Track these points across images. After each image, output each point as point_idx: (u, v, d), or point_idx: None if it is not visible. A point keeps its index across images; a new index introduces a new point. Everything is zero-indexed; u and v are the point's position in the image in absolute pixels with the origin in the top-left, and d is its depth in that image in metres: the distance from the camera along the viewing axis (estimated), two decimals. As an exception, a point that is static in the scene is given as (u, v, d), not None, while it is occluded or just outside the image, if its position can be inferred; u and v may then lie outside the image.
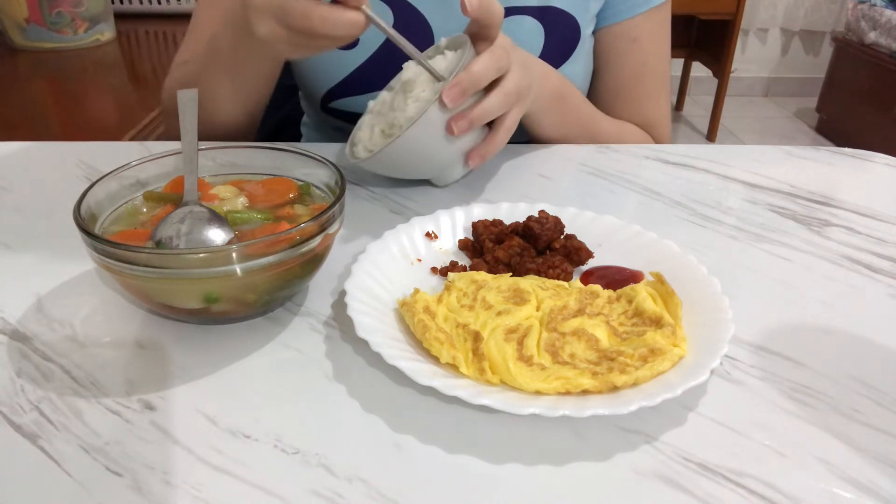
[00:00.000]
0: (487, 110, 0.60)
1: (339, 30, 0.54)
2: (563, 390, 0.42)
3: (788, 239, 0.63)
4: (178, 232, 0.47)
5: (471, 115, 0.59)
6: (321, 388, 0.44)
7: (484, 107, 0.60)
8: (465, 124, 0.59)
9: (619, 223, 0.59)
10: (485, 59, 0.59)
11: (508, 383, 0.43)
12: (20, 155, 0.76)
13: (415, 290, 0.50)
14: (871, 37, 2.91)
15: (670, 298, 0.48)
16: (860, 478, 0.39)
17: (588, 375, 0.42)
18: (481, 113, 0.60)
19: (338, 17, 0.53)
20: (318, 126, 0.94)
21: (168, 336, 0.48)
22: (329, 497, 0.37)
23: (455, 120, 0.59)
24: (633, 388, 0.42)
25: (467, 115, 0.59)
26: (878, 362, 0.48)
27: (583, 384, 0.41)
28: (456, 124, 0.58)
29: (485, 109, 0.60)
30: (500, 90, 0.61)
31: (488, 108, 0.60)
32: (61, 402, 0.42)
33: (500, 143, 0.64)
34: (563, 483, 0.38)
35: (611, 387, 0.42)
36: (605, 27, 0.85)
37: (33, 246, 0.59)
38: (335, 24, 0.53)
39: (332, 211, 0.47)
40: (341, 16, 0.53)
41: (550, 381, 0.42)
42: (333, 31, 0.54)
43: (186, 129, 0.54)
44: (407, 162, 0.63)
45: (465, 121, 0.59)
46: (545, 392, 0.42)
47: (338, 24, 0.53)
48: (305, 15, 0.53)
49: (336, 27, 0.53)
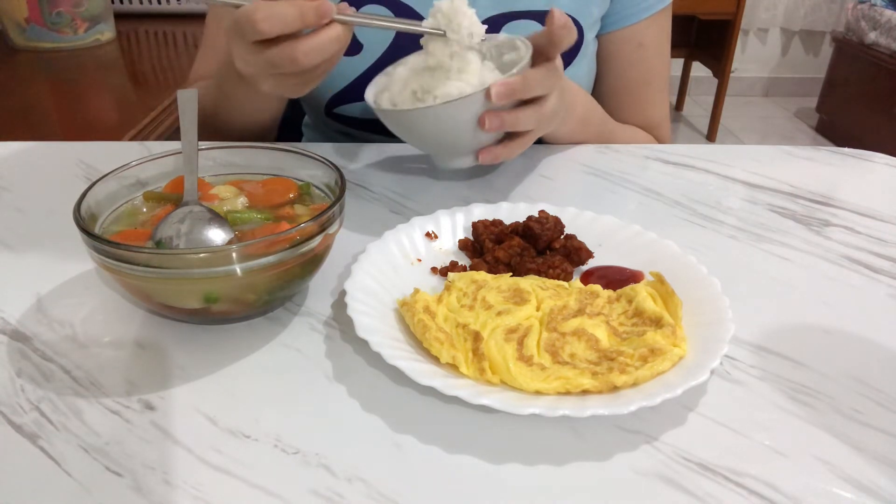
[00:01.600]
0: (520, 121, 0.61)
1: (328, 51, 0.55)
2: (564, 390, 0.42)
3: (788, 239, 0.63)
4: (178, 232, 0.47)
5: (505, 118, 0.60)
6: (321, 388, 0.44)
7: (518, 117, 0.61)
8: (497, 123, 0.59)
9: (619, 223, 0.59)
10: (541, 73, 0.60)
11: (509, 383, 0.43)
12: (20, 155, 0.76)
13: (415, 290, 0.50)
14: (871, 37, 2.90)
15: (670, 298, 0.48)
16: (860, 477, 0.39)
17: (588, 375, 0.42)
18: (513, 121, 0.61)
19: (318, 43, 0.54)
20: (320, 127, 0.94)
21: (168, 336, 0.48)
22: (329, 497, 0.37)
23: (490, 115, 0.59)
24: (632, 388, 0.42)
25: (502, 116, 0.60)
26: (878, 362, 0.48)
27: (583, 384, 0.41)
28: (489, 119, 0.59)
29: (518, 119, 0.61)
30: (538, 109, 0.62)
31: (521, 120, 0.61)
32: (61, 402, 0.42)
33: (514, 152, 0.65)
34: (562, 483, 0.38)
35: (611, 387, 0.42)
36: (611, 32, 0.85)
37: (33, 246, 0.59)
38: (321, 50, 0.54)
39: (332, 211, 0.47)
40: (321, 39, 0.54)
41: (550, 381, 0.42)
42: (323, 55, 0.54)
43: (186, 129, 0.54)
44: (425, 132, 0.63)
45: (497, 119, 0.59)
46: (545, 392, 0.42)
47: (323, 48, 0.54)
48: (293, 59, 0.54)
49: (323, 52, 0.54)
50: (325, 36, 0.54)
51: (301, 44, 0.53)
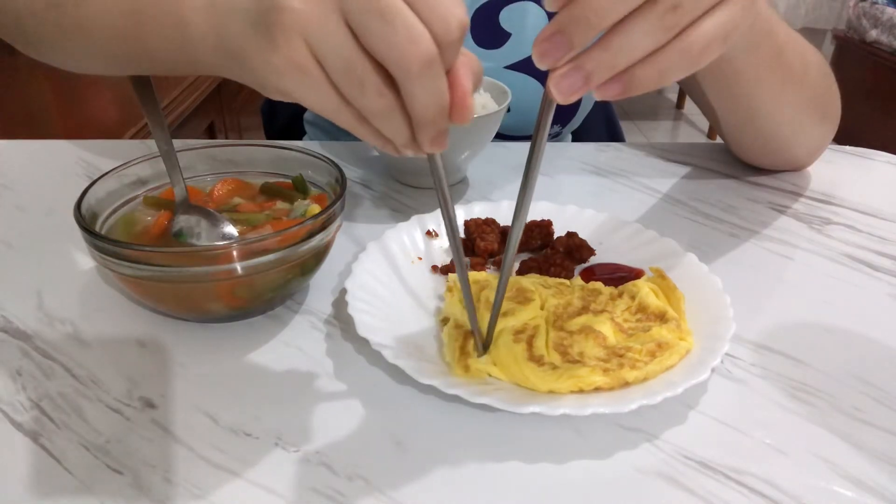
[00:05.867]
0: (633, 42, 0.31)
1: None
2: (577, 388, 0.42)
3: (789, 237, 0.62)
4: (184, 230, 0.48)
5: (594, 60, 0.32)
6: (322, 387, 0.44)
7: (624, 40, 0.31)
8: (573, 79, 0.32)
9: (620, 221, 0.59)
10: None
11: (521, 384, 0.43)
12: (21, 153, 0.76)
13: None
14: (872, 34, 2.90)
15: (672, 293, 0.49)
16: (861, 476, 0.39)
17: (599, 373, 0.42)
18: (617, 52, 0.32)
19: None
20: (321, 123, 0.94)
21: (169, 334, 0.48)
22: (330, 495, 0.37)
23: (557, 79, 0.32)
24: (636, 385, 0.42)
25: (582, 63, 0.32)
26: (879, 360, 0.48)
27: (595, 382, 0.41)
28: (555, 81, 0.33)
29: (628, 40, 0.31)
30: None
31: (634, 39, 0.31)
32: (62, 400, 0.43)
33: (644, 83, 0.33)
34: (563, 481, 0.38)
35: (622, 383, 0.42)
36: None
37: (34, 244, 0.59)
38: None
39: (333, 209, 0.47)
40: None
41: (564, 380, 0.41)
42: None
43: (155, 124, 0.50)
44: None
45: (572, 74, 0.32)
46: (559, 392, 0.42)
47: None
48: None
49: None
50: None
51: None
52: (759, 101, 0.61)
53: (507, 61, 0.78)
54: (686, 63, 0.32)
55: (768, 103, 0.61)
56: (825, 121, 0.67)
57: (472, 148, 0.65)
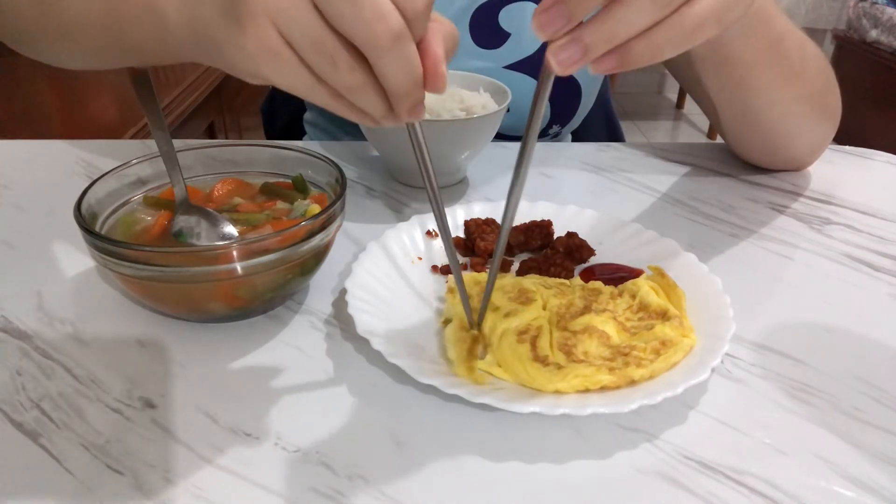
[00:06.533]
0: (629, 19, 0.32)
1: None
2: (583, 388, 0.42)
3: (789, 237, 0.62)
4: (183, 231, 0.48)
5: (589, 33, 0.32)
6: (322, 387, 0.44)
7: (620, 16, 0.32)
8: (571, 49, 0.32)
9: (620, 221, 0.59)
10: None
11: (526, 384, 0.43)
12: (21, 153, 0.76)
13: None
14: (872, 35, 2.90)
15: (673, 291, 0.49)
16: (861, 476, 0.39)
17: (605, 372, 0.42)
18: (613, 28, 0.32)
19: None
20: (321, 124, 0.94)
21: (169, 334, 0.48)
22: (330, 495, 0.37)
23: (557, 47, 0.33)
24: (635, 385, 0.42)
25: (580, 36, 0.32)
26: (879, 360, 0.48)
27: (602, 380, 0.41)
28: (554, 53, 0.33)
29: (623, 17, 0.32)
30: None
31: (628, 15, 0.32)
32: (62, 400, 0.43)
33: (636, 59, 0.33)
34: (563, 481, 0.38)
35: (629, 381, 0.42)
36: None
37: (34, 244, 0.59)
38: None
39: (333, 209, 0.47)
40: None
41: (570, 379, 0.41)
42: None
43: (155, 124, 0.50)
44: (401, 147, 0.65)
45: (571, 46, 0.32)
46: (565, 391, 0.42)
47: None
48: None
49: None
50: None
51: None
52: (756, 91, 0.61)
53: (506, 61, 0.78)
54: (680, 39, 0.33)
55: (765, 94, 0.61)
56: (825, 118, 0.67)
57: (471, 148, 0.65)
